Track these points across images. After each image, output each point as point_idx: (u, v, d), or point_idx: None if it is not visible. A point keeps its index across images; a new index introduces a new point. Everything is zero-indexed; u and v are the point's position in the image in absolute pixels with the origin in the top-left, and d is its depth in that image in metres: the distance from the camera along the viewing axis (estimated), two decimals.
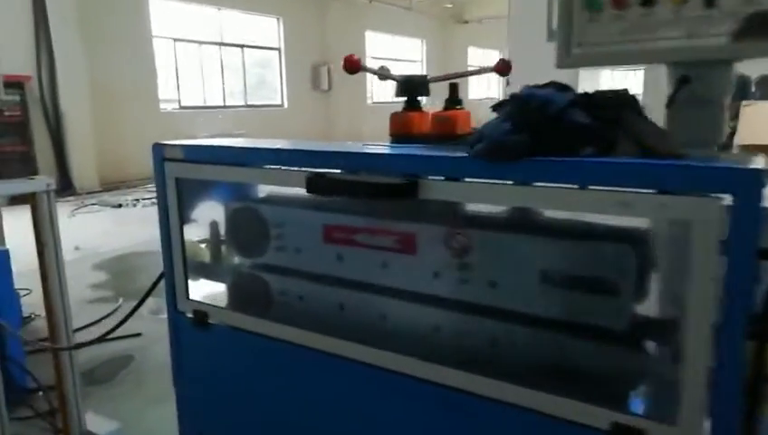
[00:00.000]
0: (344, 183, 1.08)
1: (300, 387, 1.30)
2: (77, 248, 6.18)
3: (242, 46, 14.09)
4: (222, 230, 1.50)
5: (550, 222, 1.06)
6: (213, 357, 1.43)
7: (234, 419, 1.43)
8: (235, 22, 13.68)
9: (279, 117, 15.12)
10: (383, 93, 19.45)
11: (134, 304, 1.74)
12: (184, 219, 1.42)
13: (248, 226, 1.38)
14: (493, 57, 26.51)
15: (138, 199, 9.35)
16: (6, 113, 9.40)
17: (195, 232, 1.49)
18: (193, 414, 1.51)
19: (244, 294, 1.43)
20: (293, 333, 1.26)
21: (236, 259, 1.44)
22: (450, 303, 1.13)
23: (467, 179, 0.99)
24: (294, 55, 15.33)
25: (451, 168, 1.01)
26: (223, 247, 1.52)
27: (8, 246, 3.23)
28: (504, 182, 0.96)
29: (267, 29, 14.78)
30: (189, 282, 1.41)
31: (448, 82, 1.40)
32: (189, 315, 1.43)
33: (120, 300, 4.81)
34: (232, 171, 1.28)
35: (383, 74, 1.44)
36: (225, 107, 13.71)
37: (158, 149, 1.40)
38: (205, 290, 1.50)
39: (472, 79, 24.55)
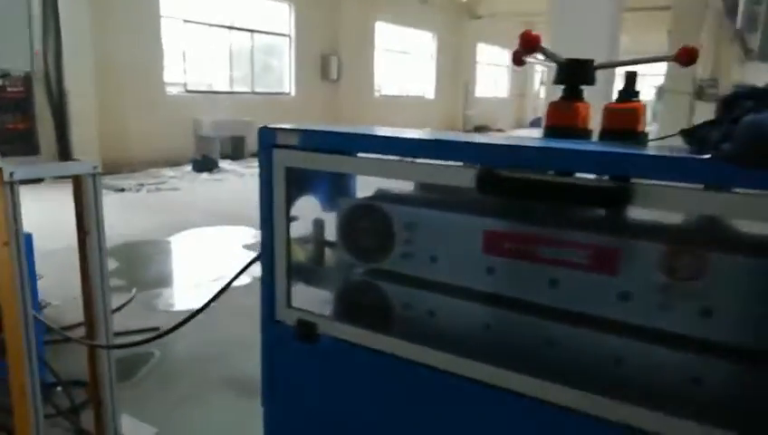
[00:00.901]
0: (536, 184, 0.88)
1: (427, 415, 1.11)
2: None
3: (252, 31, 13.80)
4: (326, 230, 1.30)
5: None
6: (317, 374, 1.23)
7: None
8: (244, 6, 13.38)
9: (286, 105, 14.84)
10: (389, 87, 19.22)
11: (148, 293, 1.56)
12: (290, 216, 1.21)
13: (369, 226, 1.18)
14: (503, 56, 26.26)
15: (141, 184, 9.08)
16: (9, 89, 9.12)
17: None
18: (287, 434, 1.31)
19: (353, 304, 1.22)
20: (428, 355, 1.07)
21: (345, 264, 1.24)
22: (645, 332, 0.93)
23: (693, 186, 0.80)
24: (304, 43, 15.05)
25: (686, 171, 0.81)
26: (326, 249, 1.32)
27: None
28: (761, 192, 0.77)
29: (276, 15, 14.49)
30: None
31: (610, 69, 1.19)
32: (289, 325, 1.23)
33: (134, 290, 4.59)
34: (366, 164, 1.09)
35: (549, 54, 1.24)
36: (231, 93, 13.42)
37: (268, 133, 1.19)
38: (299, 297, 1.29)
39: (480, 77, 24.41)
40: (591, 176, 0.90)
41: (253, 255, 1.34)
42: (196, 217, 7.14)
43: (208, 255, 5.90)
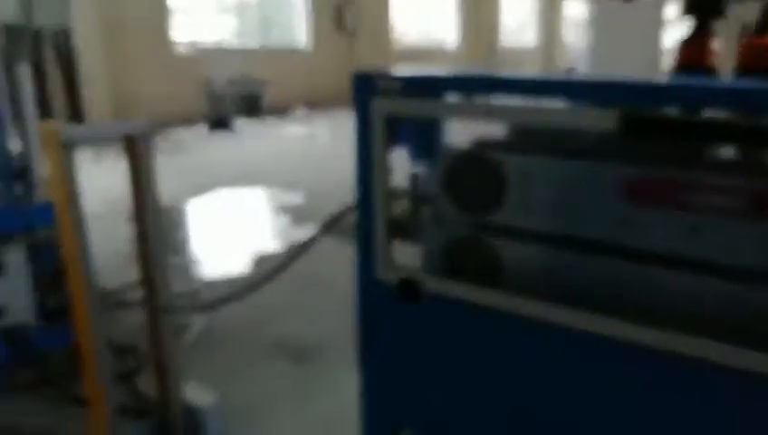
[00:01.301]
0: (699, 125, 0.79)
1: (543, 374, 1.05)
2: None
3: None
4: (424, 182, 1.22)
5: None
6: (422, 334, 1.18)
7: (445, 407, 1.19)
8: None
9: (300, 60, 14.52)
10: (409, 39, 18.49)
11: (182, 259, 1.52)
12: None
13: (478, 177, 1.09)
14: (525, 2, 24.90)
15: (158, 146, 9.00)
16: None
17: None
18: (387, 401, 1.27)
19: (457, 260, 1.15)
20: (548, 311, 1.00)
21: (448, 218, 1.16)
22: None
23: None
24: None
25: None
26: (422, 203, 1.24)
27: None
28: None
29: None
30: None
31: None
32: (390, 284, 1.17)
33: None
34: (488, 109, 0.99)
35: None
36: (242, 49, 13.14)
37: (364, 80, 1.10)
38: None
39: (505, 26, 23.26)
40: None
41: (284, 218, 1.26)
42: (218, 179, 7.07)
43: (238, 218, 5.85)
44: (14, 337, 2.69)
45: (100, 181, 5.49)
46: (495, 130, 1.20)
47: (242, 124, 11.25)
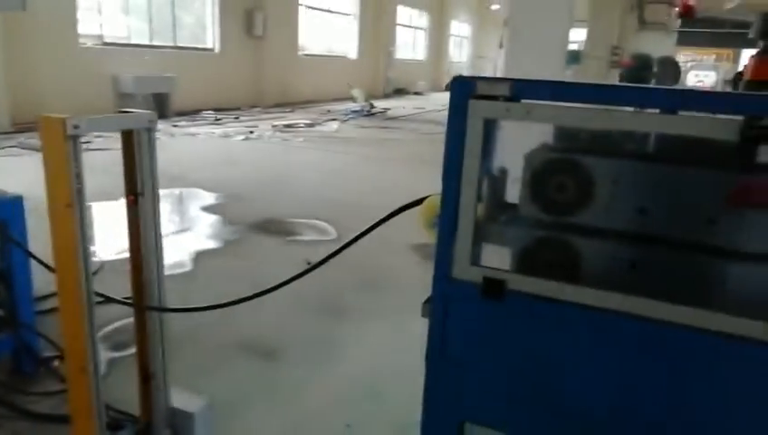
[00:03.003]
0: None
1: (631, 368, 1.13)
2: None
3: None
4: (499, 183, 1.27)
5: None
6: (500, 331, 1.22)
7: (522, 406, 1.23)
8: None
9: (209, 61, 14.09)
10: (313, 47, 18.73)
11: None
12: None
13: (566, 180, 1.16)
14: (421, 18, 26.31)
15: None
16: None
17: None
18: (454, 396, 1.29)
19: (539, 259, 1.21)
20: (639, 305, 1.08)
21: (530, 219, 1.22)
22: None
23: None
24: None
25: None
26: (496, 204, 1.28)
27: None
28: None
29: None
30: None
31: None
32: (470, 282, 1.21)
33: (101, 260, 4.26)
34: (596, 115, 1.05)
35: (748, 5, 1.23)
36: (151, 47, 12.53)
37: (464, 83, 1.13)
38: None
39: (399, 39, 24.27)
40: None
41: (212, 217, 1.28)
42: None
43: (167, 217, 5.57)
44: None
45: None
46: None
47: None
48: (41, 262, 2.21)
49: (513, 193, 1.47)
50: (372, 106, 15.18)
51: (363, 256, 4.58)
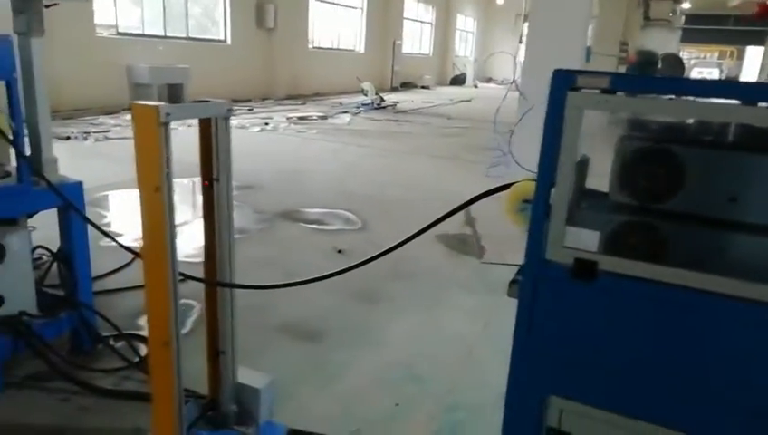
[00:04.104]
0: None
1: (723, 349, 1.22)
2: None
3: None
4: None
5: None
6: (594, 311, 1.31)
7: (608, 378, 1.33)
8: None
9: (221, 53, 14.15)
10: (322, 40, 18.78)
11: None
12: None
13: (657, 168, 1.25)
14: (428, 12, 26.35)
15: (87, 132, 8.44)
16: None
17: None
18: (542, 374, 1.39)
19: (627, 244, 1.30)
20: (731, 285, 1.17)
21: (618, 205, 1.31)
22: None
23: None
24: None
25: None
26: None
27: None
28: None
29: None
30: None
31: None
32: (561, 264, 1.30)
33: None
34: (694, 107, 1.14)
35: None
36: (165, 37, 12.59)
37: (564, 76, 1.22)
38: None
39: (406, 33, 24.31)
40: None
41: (238, 205, 1.37)
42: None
43: (195, 205, 5.68)
44: (15, 328, 2.50)
45: None
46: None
47: None
48: (122, 245, 2.31)
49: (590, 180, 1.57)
50: (382, 99, 15.26)
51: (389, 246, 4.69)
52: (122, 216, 5.34)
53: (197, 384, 2.21)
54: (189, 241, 4.33)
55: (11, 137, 2.33)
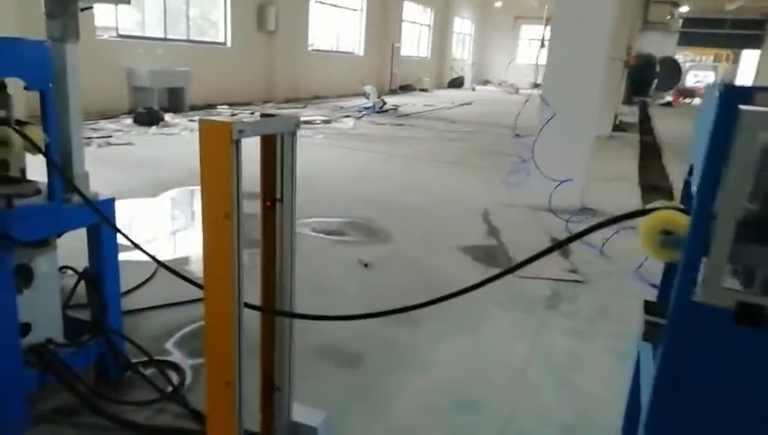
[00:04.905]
0: None
1: None
2: None
3: None
4: None
5: None
6: (755, 361, 1.14)
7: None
8: None
9: (221, 56, 13.94)
10: (322, 42, 18.61)
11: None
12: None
13: None
14: (426, 15, 26.27)
15: (88, 138, 8.19)
16: None
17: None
18: (687, 426, 1.22)
19: None
20: None
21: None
22: None
23: None
24: None
25: None
26: None
27: None
28: None
29: None
30: None
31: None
32: (716, 306, 1.13)
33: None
34: None
35: None
36: (165, 39, 12.36)
37: (735, 93, 1.05)
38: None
39: (404, 36, 24.21)
40: None
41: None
42: (172, 175, 6.57)
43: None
44: (43, 358, 2.30)
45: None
46: None
47: (169, 118, 10.53)
48: (170, 269, 2.11)
49: None
50: (384, 103, 15.09)
51: (415, 259, 4.51)
52: (131, 226, 5.11)
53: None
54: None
55: (43, 150, 2.13)
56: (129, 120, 10.11)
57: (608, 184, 7.40)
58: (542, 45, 5.96)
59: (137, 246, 2.08)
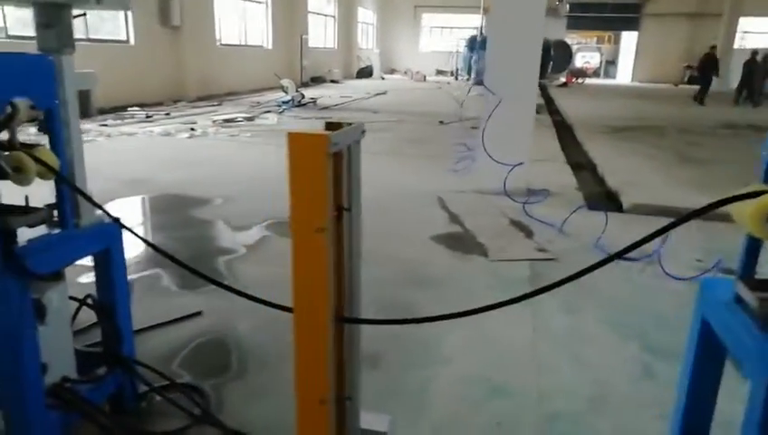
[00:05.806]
0: None
1: None
2: None
3: None
4: None
5: None
6: None
7: None
8: None
9: (125, 55, 13.11)
10: (229, 37, 17.98)
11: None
12: None
13: None
14: (330, 6, 25.97)
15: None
16: None
17: None
18: None
19: None
20: None
21: None
22: None
23: None
24: None
25: None
26: None
27: None
28: None
29: None
30: None
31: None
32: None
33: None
34: None
35: None
36: None
37: None
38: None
39: (311, 27, 23.88)
40: None
41: (212, 221, 1.27)
42: (106, 186, 6.11)
43: (163, 223, 5.17)
44: (64, 399, 2.10)
45: None
46: None
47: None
48: (222, 285, 1.99)
49: None
50: (303, 96, 14.86)
51: (391, 252, 4.52)
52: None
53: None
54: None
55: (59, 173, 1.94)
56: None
57: (542, 165, 7.74)
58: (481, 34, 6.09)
59: (187, 267, 1.95)
